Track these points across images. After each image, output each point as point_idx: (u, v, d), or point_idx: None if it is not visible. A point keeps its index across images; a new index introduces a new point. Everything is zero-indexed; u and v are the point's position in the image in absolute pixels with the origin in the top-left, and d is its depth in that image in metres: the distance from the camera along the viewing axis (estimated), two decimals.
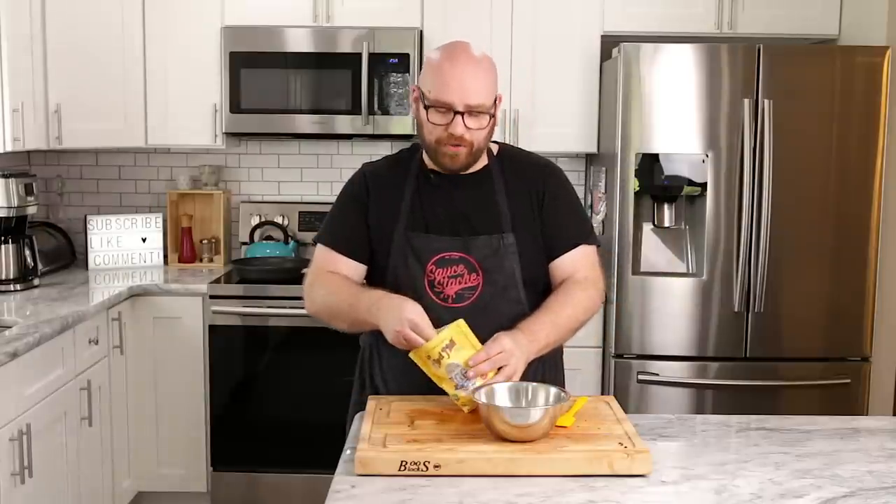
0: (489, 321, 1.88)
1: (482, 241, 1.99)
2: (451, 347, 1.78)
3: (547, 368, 2.05)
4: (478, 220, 2.01)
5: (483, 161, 2.04)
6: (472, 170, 2.02)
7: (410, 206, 2.02)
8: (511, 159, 2.10)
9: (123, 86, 3.77)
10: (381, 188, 2.06)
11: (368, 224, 2.05)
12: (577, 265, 2.04)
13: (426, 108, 1.92)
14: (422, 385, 1.86)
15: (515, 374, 1.80)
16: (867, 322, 3.42)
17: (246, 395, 3.60)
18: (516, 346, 1.81)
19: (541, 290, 2.05)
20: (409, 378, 1.87)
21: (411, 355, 1.81)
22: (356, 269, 2.06)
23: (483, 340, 1.81)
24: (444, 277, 1.98)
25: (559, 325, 1.94)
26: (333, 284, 2.01)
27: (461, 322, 1.81)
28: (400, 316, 1.80)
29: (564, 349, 2.15)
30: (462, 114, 1.89)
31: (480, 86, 1.90)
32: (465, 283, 1.99)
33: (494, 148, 2.10)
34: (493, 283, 1.99)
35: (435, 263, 1.99)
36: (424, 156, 2.05)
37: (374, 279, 2.07)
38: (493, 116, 1.94)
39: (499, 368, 1.79)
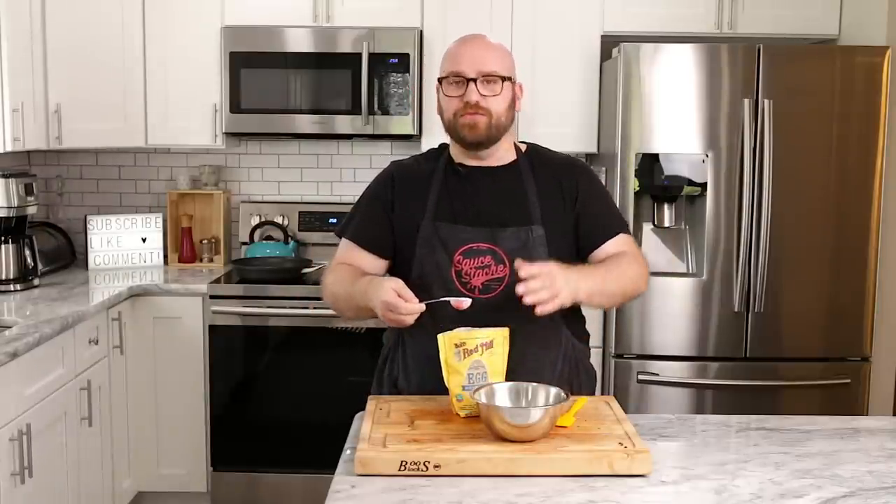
0: (516, 313, 1.84)
1: (510, 232, 1.99)
2: (488, 347, 1.79)
3: (571, 368, 2.05)
4: (506, 213, 2.01)
5: (511, 156, 2.07)
6: (500, 163, 2.05)
7: (438, 197, 2.03)
8: (540, 157, 2.11)
9: (123, 86, 3.77)
10: (408, 182, 2.08)
11: (393, 219, 2.06)
12: (621, 249, 2.05)
13: (441, 81, 1.98)
14: (445, 385, 1.84)
15: (557, 298, 1.77)
16: (867, 322, 3.42)
17: (246, 395, 3.60)
18: (561, 275, 1.79)
19: None
20: (432, 377, 1.84)
21: (441, 336, 1.79)
22: (376, 264, 2.08)
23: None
24: (471, 268, 1.98)
25: (606, 283, 1.94)
26: (339, 274, 2.04)
27: (506, 330, 1.81)
28: (384, 285, 1.82)
29: None
30: (475, 80, 1.94)
31: (492, 55, 1.98)
32: (492, 274, 1.98)
33: (523, 146, 2.12)
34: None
35: (462, 254, 1.99)
36: (453, 150, 2.07)
37: (400, 271, 2.06)
38: (507, 79, 1.97)
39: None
